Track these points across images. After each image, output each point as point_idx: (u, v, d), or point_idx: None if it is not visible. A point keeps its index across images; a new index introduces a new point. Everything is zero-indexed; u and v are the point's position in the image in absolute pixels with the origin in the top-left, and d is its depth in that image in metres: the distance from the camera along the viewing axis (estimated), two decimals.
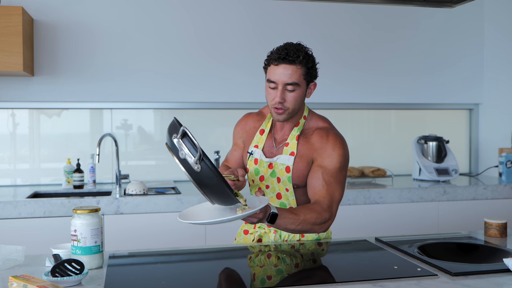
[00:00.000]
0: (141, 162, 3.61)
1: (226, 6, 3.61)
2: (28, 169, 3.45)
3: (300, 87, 1.79)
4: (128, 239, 2.84)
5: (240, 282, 1.51)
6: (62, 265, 1.44)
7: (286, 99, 1.78)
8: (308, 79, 1.80)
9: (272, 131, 1.94)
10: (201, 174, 1.44)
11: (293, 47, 1.77)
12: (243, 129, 2.03)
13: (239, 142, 2.04)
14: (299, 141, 1.87)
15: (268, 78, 1.80)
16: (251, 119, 2.02)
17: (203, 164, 1.43)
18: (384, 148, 3.98)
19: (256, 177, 1.91)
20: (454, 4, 2.16)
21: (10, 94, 3.33)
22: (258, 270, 1.61)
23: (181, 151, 1.44)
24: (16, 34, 2.98)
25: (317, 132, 1.87)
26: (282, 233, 1.92)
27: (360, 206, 3.18)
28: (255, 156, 1.92)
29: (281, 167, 1.86)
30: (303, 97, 1.82)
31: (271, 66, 1.79)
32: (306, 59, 1.77)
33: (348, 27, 3.80)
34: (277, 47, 1.80)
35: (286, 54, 1.75)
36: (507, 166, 3.61)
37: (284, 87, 1.77)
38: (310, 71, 1.79)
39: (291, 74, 1.75)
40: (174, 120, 1.50)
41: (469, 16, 4.00)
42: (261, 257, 1.75)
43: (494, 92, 4.02)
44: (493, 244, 1.87)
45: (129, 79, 3.47)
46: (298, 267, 1.66)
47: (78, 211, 1.56)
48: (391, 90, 3.89)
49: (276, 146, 1.91)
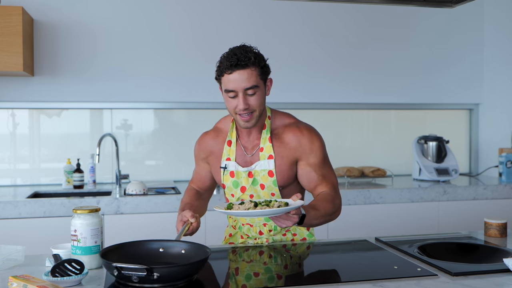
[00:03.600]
0: (141, 162, 3.61)
1: (226, 7, 3.61)
2: (28, 169, 3.45)
3: (259, 88, 1.76)
4: (128, 239, 2.83)
5: (238, 281, 1.51)
6: (62, 265, 1.44)
7: (249, 103, 1.74)
8: (264, 77, 1.78)
9: (238, 140, 1.90)
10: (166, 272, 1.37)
11: (241, 51, 1.73)
12: (203, 149, 1.97)
13: (202, 163, 2.00)
14: (272, 142, 1.85)
15: (226, 88, 1.75)
16: (208, 137, 1.97)
17: (156, 274, 1.34)
18: (384, 148, 3.98)
19: (237, 190, 1.87)
20: (454, 4, 2.16)
21: (10, 94, 3.33)
22: (257, 270, 1.61)
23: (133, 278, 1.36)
24: (16, 34, 2.98)
25: (288, 130, 1.86)
26: (275, 239, 1.92)
27: (360, 206, 3.18)
28: (230, 169, 1.87)
29: (262, 173, 1.84)
30: (264, 97, 1.80)
31: (224, 76, 1.74)
32: (257, 59, 1.74)
33: (348, 27, 3.80)
34: (224, 56, 1.75)
35: (237, 60, 1.70)
36: (507, 166, 3.61)
37: (244, 92, 1.73)
38: (264, 69, 1.77)
39: (247, 78, 1.72)
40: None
41: (469, 16, 4.00)
42: (258, 256, 1.74)
43: (494, 92, 4.02)
44: (493, 244, 1.87)
45: (129, 79, 3.47)
46: (300, 268, 1.66)
47: (78, 211, 1.56)
48: (391, 90, 3.89)
49: (249, 153, 1.87)
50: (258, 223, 1.90)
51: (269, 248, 1.83)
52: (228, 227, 2.05)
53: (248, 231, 1.93)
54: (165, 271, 1.34)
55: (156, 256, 1.56)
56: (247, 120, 1.77)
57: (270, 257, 1.73)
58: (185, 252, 1.56)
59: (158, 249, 1.58)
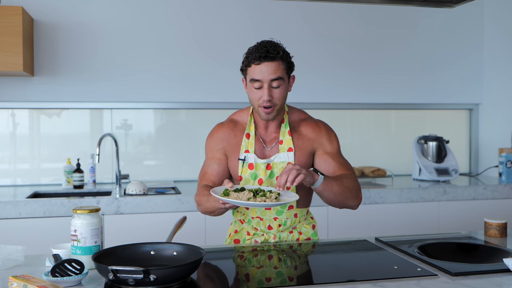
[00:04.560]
0: (141, 162, 3.61)
1: (226, 7, 3.61)
2: (28, 169, 3.45)
3: (284, 81, 1.81)
4: (128, 239, 2.83)
5: (238, 281, 1.51)
6: (62, 265, 1.44)
7: (273, 96, 1.80)
8: (289, 73, 1.84)
9: (256, 133, 1.93)
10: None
11: (270, 44, 1.80)
12: (220, 139, 1.94)
13: (218, 154, 1.94)
14: (292, 136, 1.90)
15: (252, 77, 1.80)
16: (226, 128, 1.95)
17: (153, 276, 1.33)
18: (384, 148, 3.98)
19: (255, 182, 1.89)
20: (454, 4, 2.16)
21: (10, 94, 3.33)
22: (254, 271, 1.61)
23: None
24: (16, 34, 2.98)
25: (305, 123, 1.93)
26: (282, 237, 1.93)
27: (360, 206, 3.15)
28: (249, 160, 1.88)
29: (281, 165, 1.87)
30: (287, 92, 1.85)
31: (251, 66, 1.79)
32: (285, 54, 1.81)
33: (348, 27, 3.80)
34: (254, 48, 1.80)
35: (266, 52, 1.76)
36: (507, 166, 3.61)
37: (270, 84, 1.78)
38: (289, 65, 1.83)
39: (274, 69, 1.78)
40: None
41: (469, 16, 4.00)
42: (260, 257, 1.74)
43: (494, 92, 4.02)
44: (493, 244, 1.87)
45: (129, 79, 3.47)
46: (297, 269, 1.66)
47: (78, 211, 1.56)
48: (391, 90, 3.89)
49: (268, 146, 1.91)
50: (269, 217, 1.90)
51: (268, 247, 1.83)
52: (232, 225, 2.04)
53: (257, 224, 1.92)
54: (161, 273, 1.34)
55: (148, 259, 1.54)
56: (268, 113, 1.81)
57: (280, 260, 1.73)
58: (177, 254, 1.55)
59: (149, 252, 1.56)
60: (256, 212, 1.91)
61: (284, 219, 1.91)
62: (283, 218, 1.91)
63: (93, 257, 1.42)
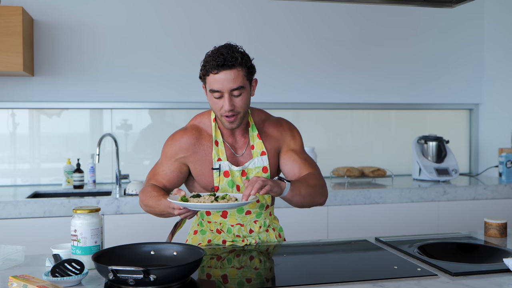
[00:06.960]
0: (141, 162, 3.60)
1: (225, 7, 3.61)
2: (28, 169, 3.45)
3: (245, 89, 1.73)
4: (128, 239, 2.83)
5: (236, 282, 1.51)
6: (62, 265, 1.44)
7: (235, 104, 1.72)
8: (250, 78, 1.75)
9: (223, 140, 1.85)
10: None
11: (228, 50, 1.69)
12: (183, 149, 1.83)
13: (176, 164, 1.85)
14: (262, 138, 1.86)
15: (211, 88, 1.71)
16: (191, 137, 1.84)
17: (153, 276, 1.33)
18: (384, 148, 3.98)
19: (232, 189, 1.82)
20: (454, 4, 2.16)
21: (10, 94, 3.33)
22: (253, 272, 1.61)
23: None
24: (16, 34, 2.98)
25: (268, 124, 1.91)
26: (261, 237, 1.90)
27: (360, 206, 3.18)
28: (224, 169, 1.81)
29: (256, 170, 1.83)
30: (249, 98, 1.77)
31: (210, 75, 1.70)
32: (244, 59, 1.71)
33: (348, 26, 3.80)
34: (210, 55, 1.71)
35: (224, 60, 1.67)
36: (507, 166, 3.61)
37: (230, 93, 1.70)
38: (250, 70, 1.74)
39: (234, 78, 1.69)
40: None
41: (469, 16, 4.00)
42: (247, 257, 1.74)
43: (494, 92, 4.02)
44: (493, 244, 1.87)
45: (129, 79, 3.47)
46: (295, 268, 1.66)
47: (78, 211, 1.56)
48: (391, 90, 3.89)
49: (238, 153, 1.85)
50: (250, 221, 1.86)
51: (258, 253, 1.82)
52: (196, 234, 1.93)
53: (239, 231, 1.86)
54: (161, 273, 1.34)
55: (148, 259, 1.54)
56: (232, 121, 1.75)
57: (260, 262, 1.73)
58: (177, 254, 1.55)
59: (149, 252, 1.56)
60: (236, 219, 1.85)
61: (263, 219, 1.89)
62: (262, 219, 1.89)
63: (93, 257, 1.42)
